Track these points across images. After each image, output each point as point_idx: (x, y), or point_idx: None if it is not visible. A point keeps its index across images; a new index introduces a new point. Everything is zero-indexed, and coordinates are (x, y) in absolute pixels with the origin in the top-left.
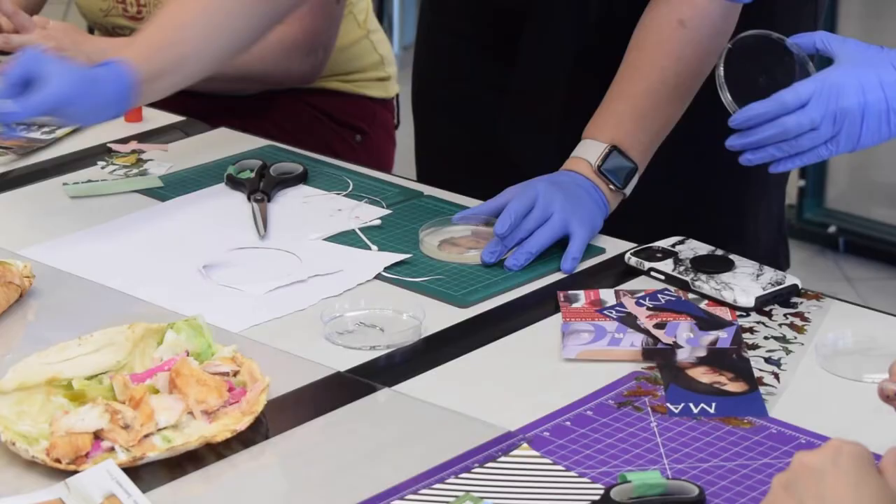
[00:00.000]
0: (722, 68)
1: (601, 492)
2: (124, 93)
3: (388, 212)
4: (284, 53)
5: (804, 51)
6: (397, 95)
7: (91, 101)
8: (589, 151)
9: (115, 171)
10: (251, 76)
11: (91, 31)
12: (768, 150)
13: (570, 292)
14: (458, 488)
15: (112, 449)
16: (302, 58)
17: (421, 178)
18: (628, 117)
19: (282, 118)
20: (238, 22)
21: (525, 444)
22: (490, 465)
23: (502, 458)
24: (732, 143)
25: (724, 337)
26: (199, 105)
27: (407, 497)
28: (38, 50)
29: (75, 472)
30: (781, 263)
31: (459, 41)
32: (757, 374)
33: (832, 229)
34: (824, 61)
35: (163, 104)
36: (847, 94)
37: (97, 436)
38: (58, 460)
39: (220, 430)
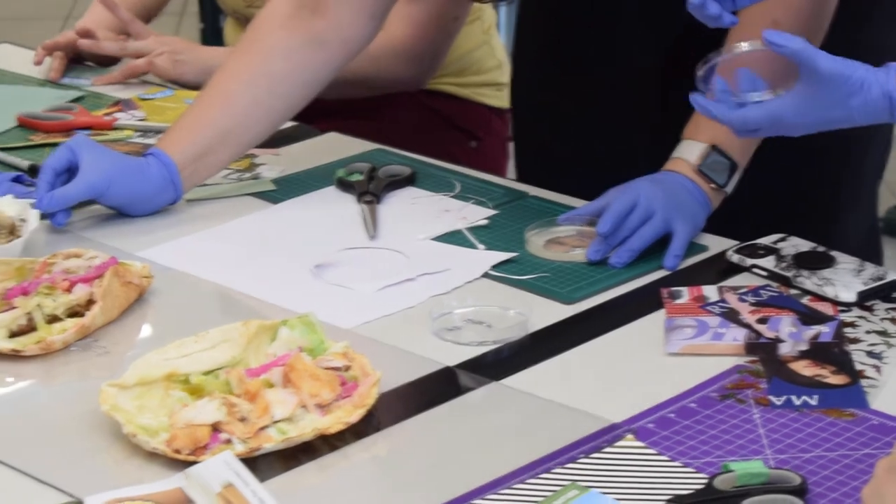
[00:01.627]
0: (701, 72)
1: (705, 481)
2: (168, 179)
3: (494, 212)
4: (394, 58)
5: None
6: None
7: (131, 190)
8: (688, 151)
9: (228, 174)
10: (359, 80)
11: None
12: None
13: (673, 289)
14: (565, 478)
15: (229, 440)
16: (410, 64)
17: (521, 180)
18: None
19: (397, 118)
20: (291, 81)
21: (630, 435)
22: (596, 455)
23: (607, 449)
24: None
25: (825, 331)
26: (315, 104)
27: (514, 486)
28: (83, 137)
29: (194, 462)
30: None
31: (550, 48)
32: (858, 367)
33: None
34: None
35: None
36: (793, 131)
37: (215, 428)
38: (178, 451)
39: (334, 422)
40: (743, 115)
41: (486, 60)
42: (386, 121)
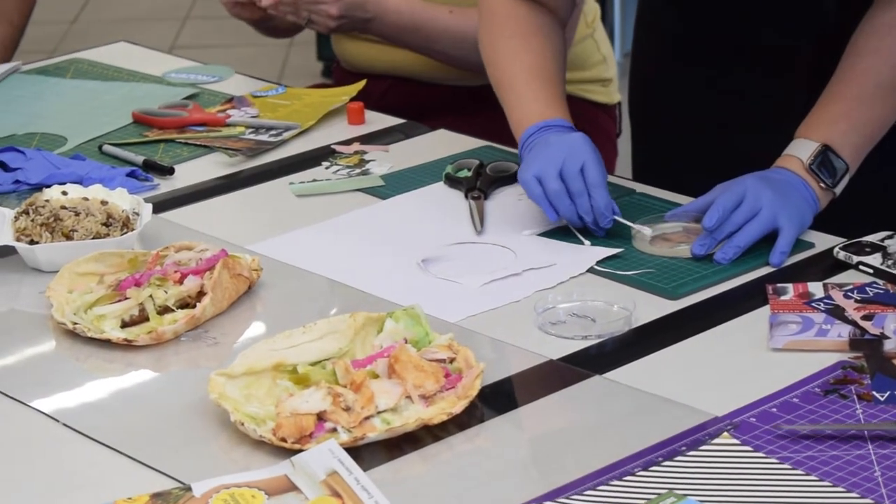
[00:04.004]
0: None
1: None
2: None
3: None
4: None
5: None
6: (619, 104)
7: None
8: (801, 150)
9: (338, 171)
10: None
11: None
12: None
13: (778, 285)
14: (662, 478)
15: (334, 430)
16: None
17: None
18: (842, 119)
19: (499, 115)
20: (550, 30)
21: (726, 433)
22: (692, 454)
23: (705, 447)
24: None
25: None
26: (420, 99)
27: (612, 483)
28: None
29: (300, 450)
30: None
31: (676, 45)
32: None
33: None
34: None
35: (388, 100)
36: None
37: (320, 417)
38: (283, 439)
39: (437, 413)
40: None
41: (590, 55)
42: (491, 118)
